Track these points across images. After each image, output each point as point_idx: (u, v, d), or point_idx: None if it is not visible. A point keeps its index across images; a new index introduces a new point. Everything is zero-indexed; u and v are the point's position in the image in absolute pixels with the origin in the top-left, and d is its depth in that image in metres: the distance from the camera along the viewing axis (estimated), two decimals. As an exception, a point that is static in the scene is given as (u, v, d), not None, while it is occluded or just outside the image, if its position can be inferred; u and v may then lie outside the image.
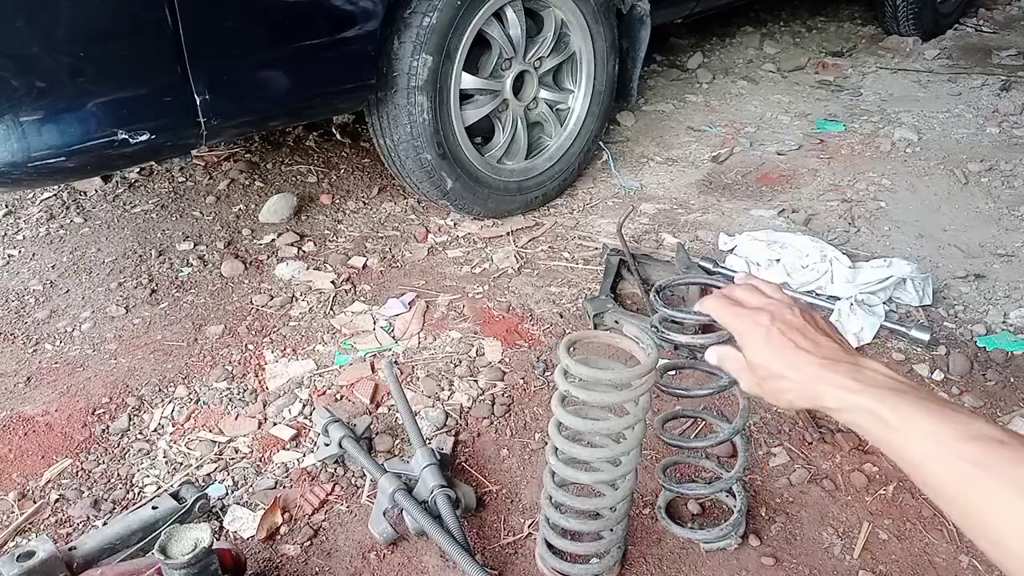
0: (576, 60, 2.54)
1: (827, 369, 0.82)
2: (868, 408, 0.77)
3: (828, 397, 0.81)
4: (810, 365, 0.83)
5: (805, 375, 0.83)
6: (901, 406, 0.75)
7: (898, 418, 0.75)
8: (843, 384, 0.80)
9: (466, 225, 2.52)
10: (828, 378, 0.82)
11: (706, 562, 1.43)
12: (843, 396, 0.80)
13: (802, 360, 0.84)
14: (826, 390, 0.81)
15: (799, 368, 0.84)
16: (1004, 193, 2.73)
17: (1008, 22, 4.61)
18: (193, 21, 1.67)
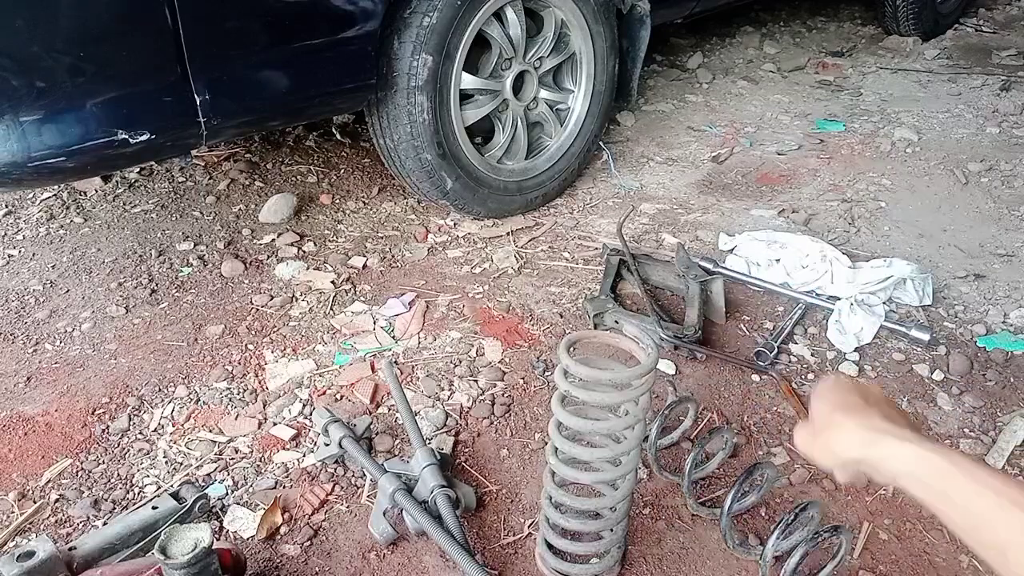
0: (576, 60, 2.54)
1: (889, 422, 0.84)
2: (928, 458, 0.77)
3: (885, 444, 0.81)
4: (873, 416, 0.85)
5: (864, 423, 0.84)
6: (962, 460, 0.75)
7: (962, 471, 0.74)
8: (905, 435, 0.81)
9: (466, 225, 2.52)
10: (888, 428, 0.82)
11: (706, 562, 1.43)
12: (903, 445, 0.79)
13: (865, 411, 0.86)
14: (885, 438, 0.81)
15: (860, 416, 0.85)
16: (1004, 193, 2.73)
17: (1008, 22, 4.61)
18: (193, 21, 1.67)
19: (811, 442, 0.90)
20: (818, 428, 0.89)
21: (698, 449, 1.47)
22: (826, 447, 0.87)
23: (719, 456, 1.58)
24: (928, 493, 0.76)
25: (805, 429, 0.92)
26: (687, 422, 1.65)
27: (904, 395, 1.84)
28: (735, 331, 2.05)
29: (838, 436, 0.85)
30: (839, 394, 0.89)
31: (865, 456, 0.83)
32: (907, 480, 0.79)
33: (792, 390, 1.83)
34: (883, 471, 0.81)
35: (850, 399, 0.87)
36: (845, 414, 0.86)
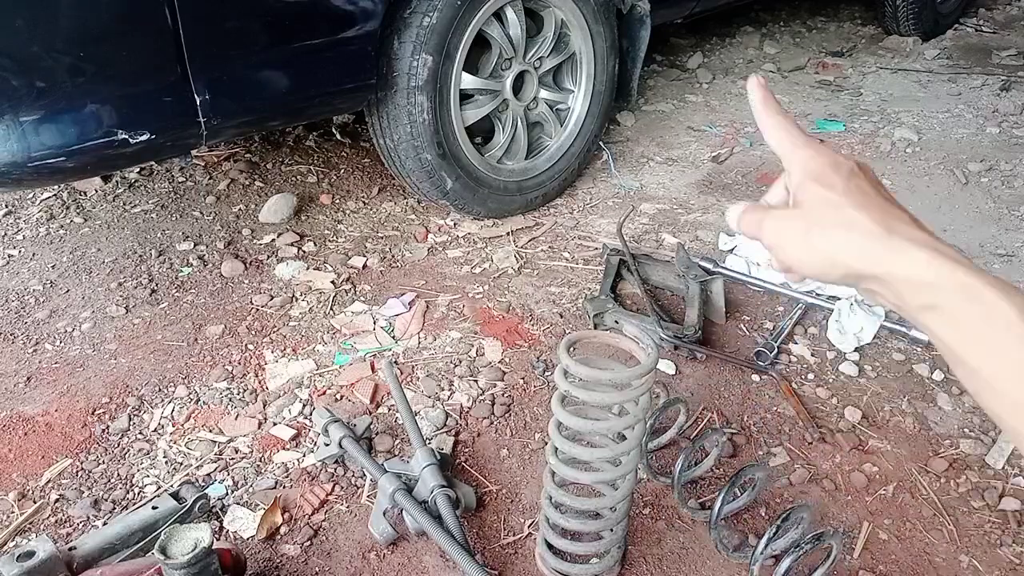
0: (576, 60, 2.54)
1: (919, 231, 0.59)
2: (965, 283, 0.55)
3: (908, 258, 0.57)
4: (899, 215, 0.60)
5: (882, 222, 0.59)
6: (1001, 284, 0.55)
7: (1004, 297, 0.54)
8: (947, 250, 0.57)
9: (466, 225, 2.52)
10: (924, 238, 0.58)
11: (706, 562, 1.43)
12: (933, 260, 0.56)
13: (887, 207, 0.60)
14: (908, 247, 0.57)
15: (877, 213, 0.59)
16: (1004, 193, 2.73)
17: (1008, 22, 4.61)
18: (193, 21, 1.67)
19: (797, 236, 0.63)
20: (814, 219, 0.62)
21: (688, 451, 1.46)
22: (821, 248, 0.61)
23: (711, 458, 1.57)
24: (967, 336, 0.55)
25: (789, 216, 0.64)
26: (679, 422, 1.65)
27: (904, 395, 1.84)
28: (735, 331, 2.05)
29: (847, 237, 0.59)
30: (850, 177, 0.62)
31: (881, 270, 0.58)
32: (936, 316, 0.57)
33: (792, 390, 1.83)
34: (904, 294, 0.58)
35: (864, 187, 0.61)
36: (860, 207, 0.60)
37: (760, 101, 0.70)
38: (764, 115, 0.69)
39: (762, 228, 0.66)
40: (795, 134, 0.66)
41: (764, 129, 0.69)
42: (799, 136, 0.66)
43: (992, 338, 0.55)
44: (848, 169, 0.62)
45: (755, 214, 0.67)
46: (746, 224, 0.67)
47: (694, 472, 1.56)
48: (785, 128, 0.67)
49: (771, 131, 0.68)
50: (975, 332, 0.55)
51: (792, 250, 0.63)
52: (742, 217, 0.68)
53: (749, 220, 0.67)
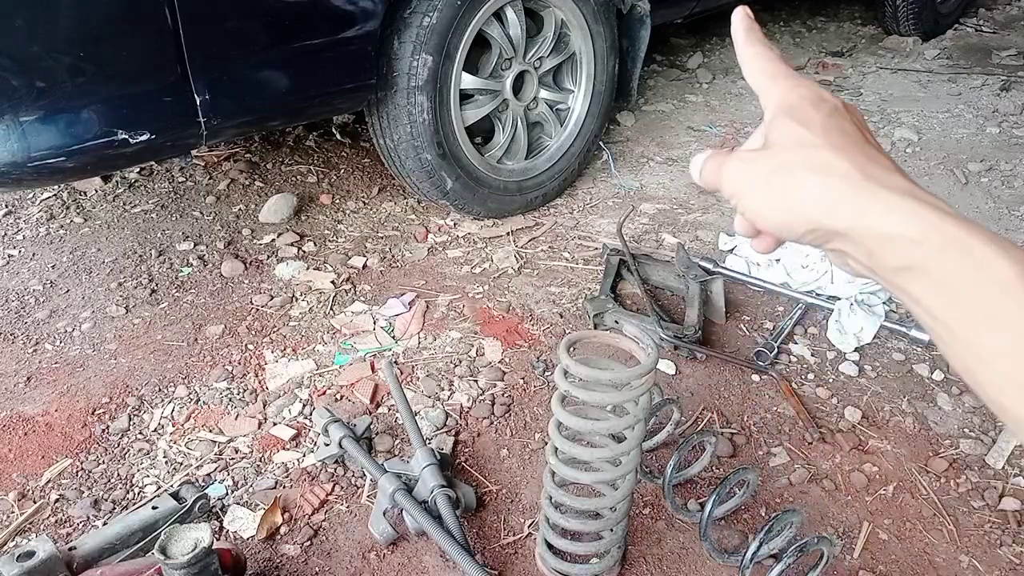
0: (576, 60, 2.54)
1: (901, 178, 0.50)
2: (953, 237, 0.45)
3: (884, 208, 0.48)
4: (875, 162, 0.50)
5: (860, 166, 0.49)
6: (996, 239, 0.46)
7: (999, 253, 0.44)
8: (919, 195, 0.48)
9: (466, 225, 2.52)
10: (896, 182, 0.49)
11: (706, 562, 1.43)
12: (917, 210, 0.47)
13: (864, 151, 0.51)
14: (886, 195, 0.48)
15: (855, 156, 0.50)
16: (1004, 193, 2.73)
17: (1008, 22, 4.61)
18: (193, 21, 1.67)
19: (759, 180, 0.52)
20: (782, 160, 0.52)
21: (679, 454, 1.46)
22: (784, 194, 0.51)
23: (703, 459, 1.57)
24: (956, 301, 0.46)
25: (753, 158, 0.54)
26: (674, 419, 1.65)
27: (904, 395, 1.84)
28: (735, 331, 2.05)
29: (816, 181, 0.50)
30: (831, 115, 0.52)
31: (852, 223, 0.48)
32: (917, 278, 0.47)
33: (792, 390, 1.83)
34: (878, 253, 0.48)
35: (846, 127, 0.52)
36: (837, 149, 0.50)
37: (743, 31, 0.59)
38: (745, 45, 0.58)
39: (721, 173, 0.55)
40: (776, 65, 0.57)
41: (743, 62, 0.59)
42: (780, 68, 0.56)
43: (986, 303, 0.45)
44: (831, 106, 0.53)
45: (716, 159, 0.57)
46: (707, 173, 0.57)
47: (686, 473, 1.56)
48: (766, 58, 0.57)
49: (750, 63, 0.58)
50: (965, 296, 0.45)
51: (751, 198, 0.53)
52: (704, 166, 0.58)
53: (710, 168, 0.57)
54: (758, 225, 0.55)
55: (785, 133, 0.52)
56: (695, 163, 0.59)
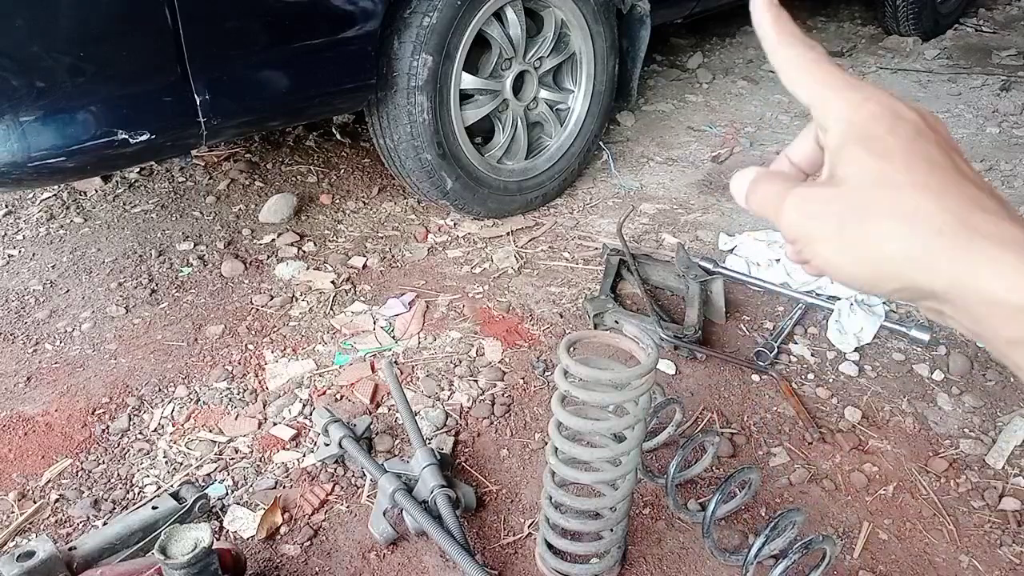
0: (576, 60, 2.54)
1: (1012, 224, 0.39)
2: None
3: (992, 270, 0.38)
4: (976, 204, 0.40)
5: (958, 212, 0.40)
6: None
7: None
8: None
9: (466, 225, 2.52)
10: (1006, 233, 0.39)
11: (706, 562, 1.43)
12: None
13: (961, 189, 0.41)
14: (993, 252, 0.38)
15: (951, 197, 0.40)
16: (1004, 193, 2.73)
17: (1008, 22, 4.61)
18: (193, 21, 1.67)
19: (831, 229, 0.43)
20: (857, 203, 0.42)
21: (681, 454, 1.46)
22: (864, 249, 0.42)
23: (705, 460, 1.57)
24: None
25: (821, 197, 0.44)
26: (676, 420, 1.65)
27: (904, 395, 1.84)
28: (735, 331, 2.05)
29: (904, 233, 0.40)
30: (914, 140, 0.42)
31: (950, 285, 0.39)
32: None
33: (792, 390, 1.83)
34: (987, 321, 0.40)
35: (934, 155, 0.41)
36: (926, 189, 0.40)
37: (771, 24, 0.47)
38: (779, 46, 0.46)
39: (782, 211, 0.45)
40: (829, 70, 0.45)
41: (782, 68, 0.46)
42: (835, 73, 0.45)
43: None
44: (912, 127, 0.42)
45: (772, 187, 0.47)
46: (759, 201, 0.48)
47: (687, 474, 1.56)
48: (812, 61, 0.45)
49: (791, 69, 0.46)
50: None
51: (823, 247, 0.43)
52: (752, 189, 0.48)
53: (764, 196, 0.47)
54: (834, 278, 0.45)
55: (859, 168, 0.42)
56: (739, 184, 0.50)
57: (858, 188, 0.42)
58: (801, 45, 0.46)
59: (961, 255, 0.39)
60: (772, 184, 0.47)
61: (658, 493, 1.55)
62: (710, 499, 1.38)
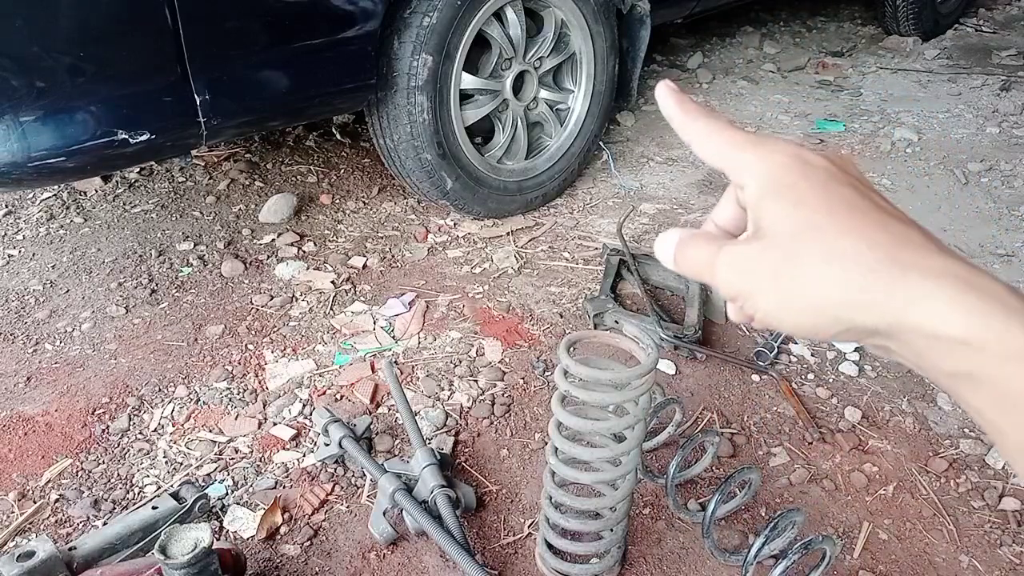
0: (576, 60, 2.54)
1: (941, 256, 0.40)
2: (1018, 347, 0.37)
3: (929, 306, 0.39)
4: (902, 239, 0.41)
5: (886, 249, 0.40)
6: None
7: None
8: (971, 281, 0.39)
9: (466, 225, 2.52)
10: (936, 265, 0.39)
11: (706, 562, 1.42)
12: (969, 307, 0.38)
13: (884, 225, 0.41)
14: (927, 287, 0.39)
15: (875, 234, 0.41)
16: (1004, 193, 2.73)
17: (1008, 22, 4.61)
18: (193, 21, 1.67)
19: (766, 281, 0.43)
20: (785, 254, 0.42)
21: (681, 454, 1.46)
22: (801, 297, 0.42)
23: (705, 460, 1.57)
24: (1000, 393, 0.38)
25: (750, 253, 0.44)
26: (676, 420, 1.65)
27: (904, 395, 1.84)
28: (735, 331, 2.05)
29: (837, 277, 0.41)
30: (827, 184, 0.43)
31: (890, 322, 0.40)
32: (975, 388, 0.40)
33: (792, 390, 1.83)
34: (928, 355, 0.40)
35: (850, 196, 0.42)
36: (848, 230, 0.41)
37: (675, 105, 0.49)
38: (686, 123, 0.49)
39: (715, 272, 0.45)
40: (734, 133, 0.47)
41: (693, 142, 0.49)
42: (740, 134, 0.46)
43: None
44: (823, 172, 0.43)
45: (700, 249, 0.47)
46: (688, 263, 0.47)
47: (688, 474, 1.56)
48: (718, 129, 0.47)
49: (701, 140, 0.48)
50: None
51: (764, 302, 0.43)
52: (681, 252, 0.48)
53: (693, 258, 0.47)
54: (779, 330, 0.45)
55: (781, 218, 0.43)
56: (665, 247, 0.49)
57: (784, 238, 0.42)
58: (704, 117, 0.48)
59: (897, 292, 0.39)
60: (700, 246, 0.47)
61: (658, 493, 1.55)
62: (710, 499, 1.38)
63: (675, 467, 1.44)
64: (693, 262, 0.47)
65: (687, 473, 1.56)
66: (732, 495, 1.49)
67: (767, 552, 1.32)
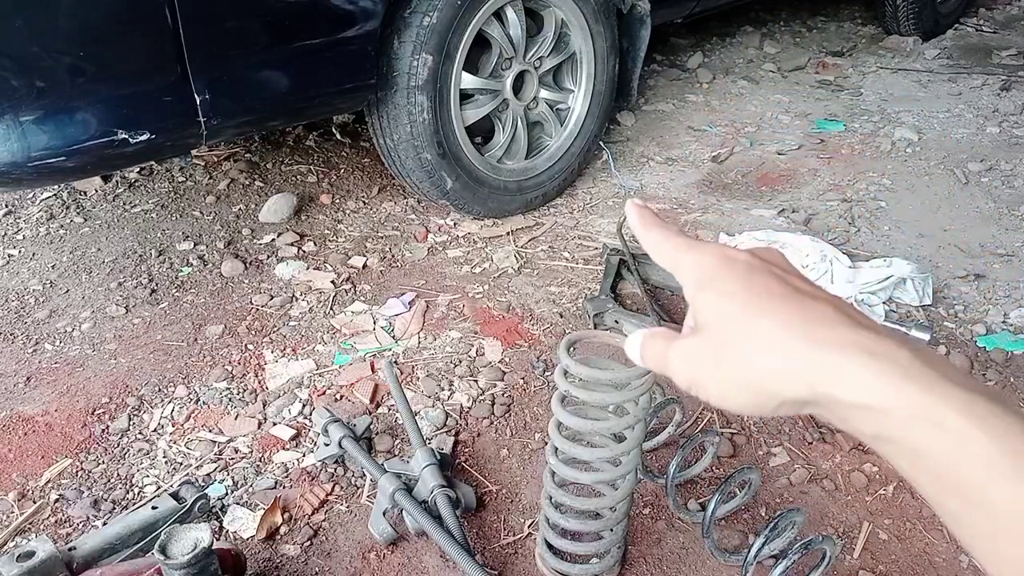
0: (576, 60, 2.54)
1: (849, 330, 0.45)
2: (920, 407, 0.41)
3: (838, 375, 0.43)
4: (815, 317, 0.46)
5: (800, 327, 0.45)
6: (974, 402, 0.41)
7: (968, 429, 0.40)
8: (874, 351, 0.43)
9: (466, 225, 2.52)
10: (844, 338, 0.44)
11: (706, 562, 1.42)
12: (873, 375, 0.42)
13: (799, 306, 0.47)
14: (836, 360, 0.43)
15: (791, 315, 0.46)
16: (1004, 193, 2.73)
17: (1008, 22, 4.61)
18: (193, 21, 1.67)
19: (707, 369, 0.49)
20: (719, 342, 0.48)
21: (682, 452, 1.46)
22: (738, 379, 0.47)
23: (705, 460, 1.57)
24: (935, 479, 0.42)
25: (693, 345, 0.50)
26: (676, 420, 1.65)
27: (904, 395, 1.84)
28: (735, 331, 2.05)
29: (762, 357, 0.46)
30: (748, 275, 0.49)
31: (813, 393, 0.44)
32: (891, 448, 0.43)
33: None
34: (850, 420, 0.44)
35: (770, 284, 0.48)
36: (767, 313, 0.46)
37: (636, 218, 0.58)
38: (643, 233, 0.57)
39: (668, 364, 0.52)
40: (675, 241, 0.54)
41: (649, 249, 0.57)
42: (679, 241, 0.54)
43: (968, 481, 0.40)
44: (744, 265, 0.49)
45: (656, 346, 0.53)
46: (651, 359, 0.54)
47: (688, 474, 1.56)
48: (664, 237, 0.55)
49: (653, 249, 0.56)
50: (945, 475, 0.41)
51: (712, 388, 0.49)
52: (643, 349, 0.55)
53: (653, 355, 0.53)
54: (730, 410, 0.53)
55: (710, 310, 0.49)
56: (632, 345, 0.56)
57: (716, 328, 0.48)
58: (658, 228, 0.56)
59: (813, 366, 0.44)
60: (656, 343, 0.53)
61: (658, 493, 1.55)
62: (710, 499, 1.38)
63: (675, 467, 1.43)
64: (652, 357, 0.54)
65: (687, 473, 1.56)
66: (732, 495, 1.49)
67: (767, 552, 1.32)
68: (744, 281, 0.48)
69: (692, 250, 0.52)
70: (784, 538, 1.36)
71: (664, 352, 0.52)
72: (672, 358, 0.51)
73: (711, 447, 1.56)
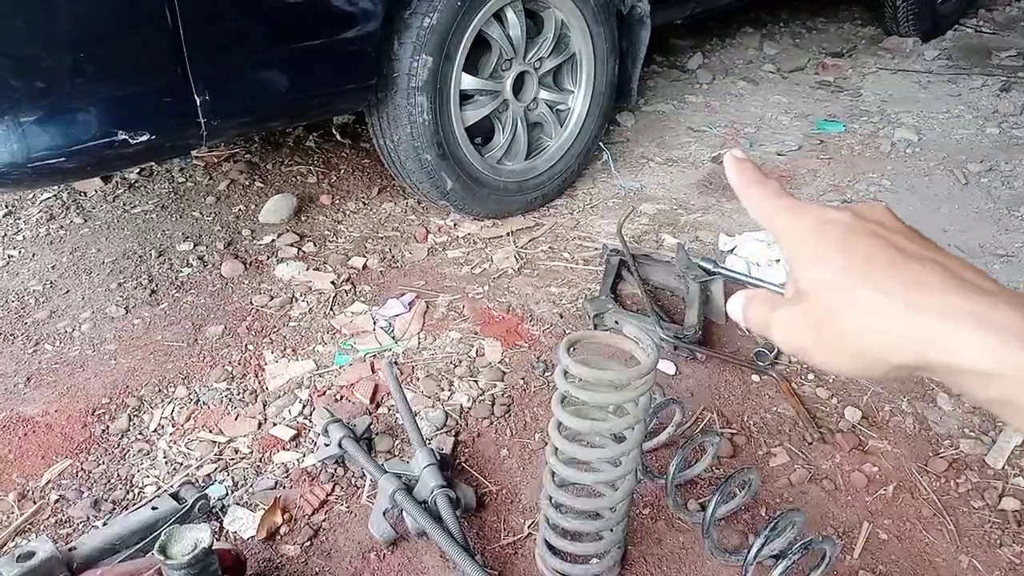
0: (576, 61, 2.54)
1: (956, 294, 0.43)
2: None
3: (949, 345, 0.42)
4: (919, 283, 0.44)
5: (905, 296, 0.43)
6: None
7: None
8: (983, 316, 0.41)
9: (466, 225, 2.52)
10: (950, 305, 0.42)
11: (706, 562, 1.43)
12: (985, 341, 0.41)
13: (902, 271, 0.44)
14: (945, 329, 0.42)
15: (893, 282, 0.44)
16: (1004, 193, 2.73)
17: (1008, 23, 4.61)
18: (193, 21, 1.67)
19: (810, 338, 0.48)
20: (820, 311, 0.47)
21: (681, 455, 1.46)
22: (842, 349, 0.46)
23: (704, 460, 1.57)
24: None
25: (794, 314, 0.49)
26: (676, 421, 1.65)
27: (904, 395, 1.84)
28: (735, 331, 2.05)
29: (867, 327, 0.44)
30: (846, 239, 0.47)
31: (925, 360, 0.43)
32: (1008, 410, 0.43)
33: (792, 390, 1.83)
34: (966, 387, 0.43)
35: (870, 246, 0.46)
36: (869, 283, 0.44)
37: (736, 174, 0.55)
38: (742, 189, 0.54)
39: (770, 331, 0.51)
40: (772, 201, 0.52)
41: (746, 205, 0.55)
42: (776, 202, 0.52)
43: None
44: (842, 228, 0.47)
45: (760, 310, 0.52)
46: (753, 321, 0.53)
47: (688, 474, 1.56)
48: (763, 197, 0.53)
49: (752, 207, 0.54)
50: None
51: (817, 356, 0.48)
52: (746, 311, 0.54)
53: (755, 320, 0.53)
54: (840, 376, 0.53)
55: (809, 279, 0.48)
56: (736, 305, 0.55)
57: (815, 296, 0.47)
58: (758, 185, 0.53)
59: (917, 334, 0.43)
60: (759, 308, 0.53)
61: (658, 493, 1.55)
62: (710, 499, 1.38)
63: (675, 467, 1.43)
64: (755, 322, 0.53)
65: (687, 473, 1.56)
66: (732, 495, 1.49)
67: (767, 552, 1.32)
68: (840, 247, 0.46)
69: (788, 212, 0.51)
70: (784, 538, 1.36)
71: (766, 318, 0.51)
72: (774, 326, 0.51)
73: (711, 447, 1.56)
